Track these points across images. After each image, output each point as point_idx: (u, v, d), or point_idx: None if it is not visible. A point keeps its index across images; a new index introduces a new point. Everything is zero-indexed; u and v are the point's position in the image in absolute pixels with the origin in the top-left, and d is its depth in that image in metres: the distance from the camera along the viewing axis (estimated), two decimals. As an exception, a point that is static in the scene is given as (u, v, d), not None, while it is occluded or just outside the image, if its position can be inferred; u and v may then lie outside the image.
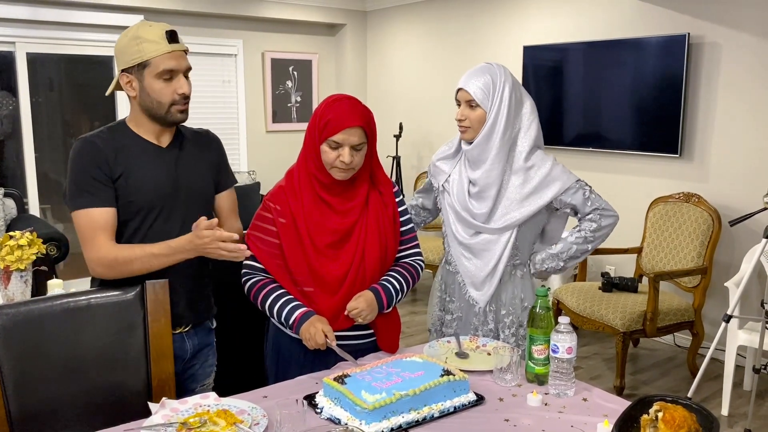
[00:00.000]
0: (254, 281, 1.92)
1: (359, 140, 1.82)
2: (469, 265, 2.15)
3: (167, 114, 1.80)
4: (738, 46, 3.92)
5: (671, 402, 1.45)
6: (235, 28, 6.13)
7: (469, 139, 2.11)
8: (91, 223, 1.75)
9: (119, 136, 1.83)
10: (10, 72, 5.19)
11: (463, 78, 2.11)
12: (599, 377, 3.83)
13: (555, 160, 2.11)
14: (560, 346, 1.69)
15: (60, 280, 2.80)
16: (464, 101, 2.08)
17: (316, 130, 1.83)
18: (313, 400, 1.62)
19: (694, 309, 3.77)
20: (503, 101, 2.04)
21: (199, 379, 2.00)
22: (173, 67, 1.77)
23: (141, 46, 1.75)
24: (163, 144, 1.87)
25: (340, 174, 1.84)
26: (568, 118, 4.83)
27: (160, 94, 1.77)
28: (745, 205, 3.83)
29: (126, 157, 1.80)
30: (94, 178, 1.75)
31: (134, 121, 1.85)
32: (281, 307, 1.86)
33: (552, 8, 4.94)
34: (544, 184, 2.07)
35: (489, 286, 2.13)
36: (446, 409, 1.58)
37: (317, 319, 1.83)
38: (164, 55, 1.75)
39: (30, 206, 5.32)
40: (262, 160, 6.34)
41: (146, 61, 1.75)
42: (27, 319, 1.67)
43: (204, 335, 2.00)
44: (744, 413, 3.34)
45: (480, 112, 2.05)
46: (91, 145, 1.77)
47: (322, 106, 1.85)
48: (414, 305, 5.21)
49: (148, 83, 1.77)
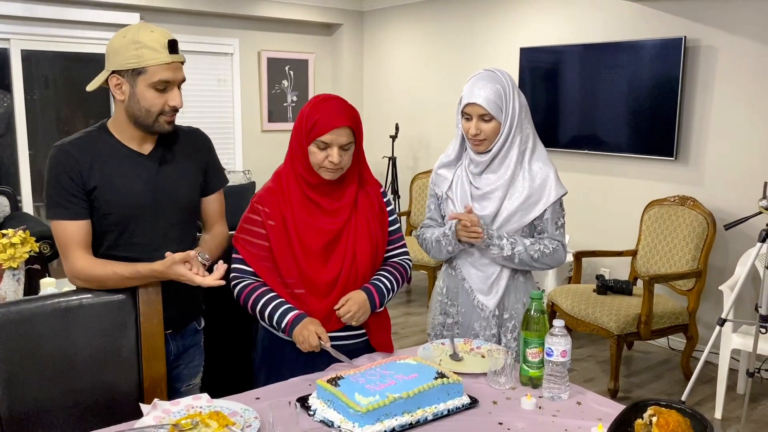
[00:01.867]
0: (244, 285, 1.89)
1: (347, 140, 1.81)
2: (476, 271, 2.14)
3: (154, 123, 1.76)
4: (734, 49, 3.92)
5: (665, 406, 1.45)
6: (232, 27, 6.12)
7: (483, 151, 2.07)
8: (65, 235, 1.74)
9: (97, 142, 1.78)
10: (4, 69, 5.17)
11: (469, 90, 2.03)
12: (593, 380, 3.83)
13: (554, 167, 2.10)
14: (555, 349, 1.68)
15: (53, 279, 2.78)
16: (476, 115, 2.01)
17: (303, 130, 1.81)
18: (306, 402, 1.61)
19: (688, 312, 3.78)
20: (514, 108, 2.02)
21: (184, 379, 1.98)
22: (169, 78, 1.72)
23: (140, 51, 1.69)
24: (144, 151, 1.82)
25: (329, 174, 1.83)
26: (564, 120, 4.83)
27: (151, 104, 1.72)
28: (740, 208, 3.83)
29: (102, 168, 1.75)
30: (66, 191, 1.72)
31: (116, 125, 1.80)
32: (272, 310, 1.84)
33: (549, 10, 4.95)
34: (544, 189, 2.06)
35: (497, 290, 2.12)
36: (440, 411, 1.57)
37: (310, 321, 1.82)
38: (163, 66, 1.70)
39: (23, 204, 5.30)
40: (257, 160, 6.33)
41: (143, 68, 1.69)
42: (18, 319, 1.66)
43: (189, 336, 1.98)
44: (737, 417, 3.34)
45: (494, 124, 2.01)
46: (65, 155, 1.73)
47: (309, 106, 1.83)
48: (408, 306, 5.20)
49: (140, 90, 1.71)
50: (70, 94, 5.78)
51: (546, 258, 2.07)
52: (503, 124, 2.02)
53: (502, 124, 2.02)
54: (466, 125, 2.06)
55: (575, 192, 4.69)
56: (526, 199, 2.06)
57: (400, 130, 5.98)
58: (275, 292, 1.87)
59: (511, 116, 2.02)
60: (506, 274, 2.11)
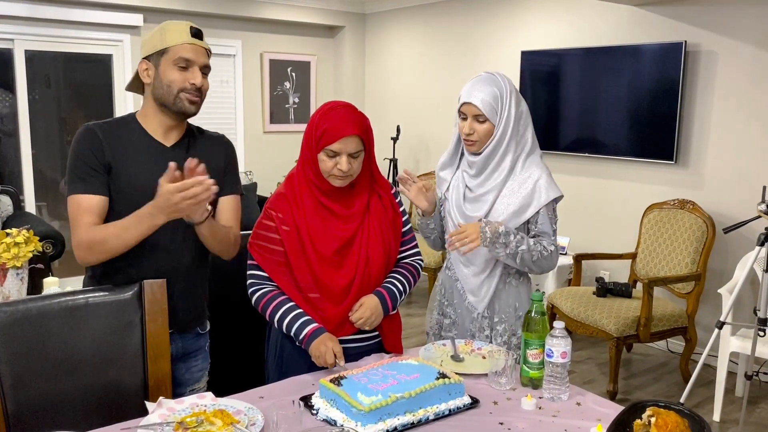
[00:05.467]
0: (262, 293, 1.89)
1: (356, 148, 1.81)
2: (467, 271, 2.16)
3: (175, 100, 1.79)
4: (734, 54, 3.94)
5: (664, 407, 1.47)
6: (234, 29, 6.14)
7: (475, 152, 2.09)
8: (78, 208, 1.75)
9: (124, 129, 1.83)
10: (8, 69, 5.19)
11: (467, 90, 2.06)
12: (592, 382, 3.85)
13: (548, 170, 2.11)
14: (555, 350, 1.70)
15: (56, 278, 2.79)
16: (471, 115, 2.04)
17: (312, 138, 1.83)
18: (309, 401, 1.62)
19: (687, 315, 3.79)
20: (510, 113, 2.03)
21: (186, 384, 1.97)
22: (190, 57, 1.79)
23: (164, 35, 1.78)
24: (168, 142, 1.85)
25: (338, 181, 1.84)
26: (565, 123, 4.85)
27: (172, 79, 1.78)
28: (739, 212, 3.86)
29: (124, 152, 1.79)
30: (88, 164, 1.75)
31: (144, 114, 1.86)
32: (291, 321, 1.84)
33: (550, 14, 4.97)
34: (535, 191, 2.06)
35: (486, 291, 2.14)
36: (441, 411, 1.59)
37: (328, 338, 1.82)
38: (184, 45, 1.78)
39: (26, 203, 5.31)
40: (259, 161, 6.35)
41: (166, 48, 1.78)
42: (25, 318, 1.67)
43: (190, 340, 1.96)
44: (735, 419, 3.36)
45: (488, 126, 2.03)
46: (91, 132, 1.78)
47: (318, 114, 1.83)
48: (409, 307, 5.22)
49: (163, 69, 1.78)
50: (72, 94, 5.80)
51: (542, 261, 2.05)
52: (497, 127, 2.04)
53: (495, 126, 2.04)
54: (461, 124, 2.09)
55: (576, 195, 4.71)
56: (517, 201, 2.06)
57: (401, 132, 6.00)
58: (293, 302, 1.87)
59: (506, 120, 2.03)
60: (497, 276, 2.12)
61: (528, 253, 2.02)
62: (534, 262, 2.04)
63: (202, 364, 2.02)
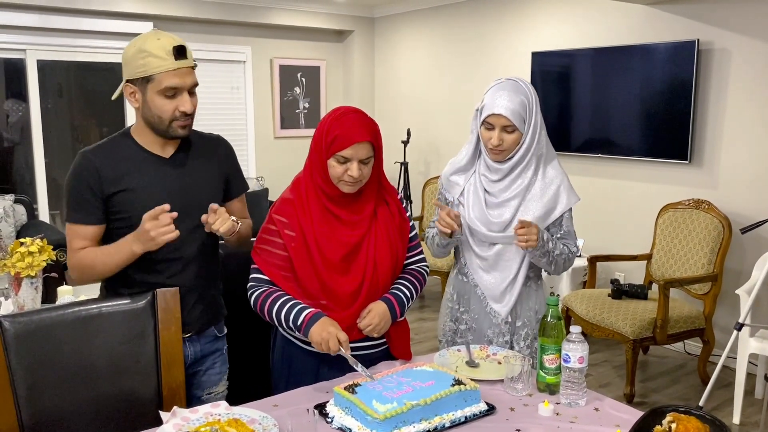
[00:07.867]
0: (260, 292, 1.88)
1: (367, 154, 1.80)
2: (489, 278, 2.13)
3: (168, 129, 1.79)
4: (748, 52, 3.90)
5: (684, 413, 1.45)
6: (244, 35, 6.16)
7: (502, 160, 2.07)
8: (75, 235, 1.81)
9: (121, 147, 1.83)
10: (20, 79, 5.23)
11: (492, 99, 2.01)
12: (609, 385, 3.81)
13: (566, 173, 2.11)
14: (572, 355, 1.68)
15: (70, 287, 2.81)
16: (500, 126, 2.00)
17: (323, 144, 1.81)
18: (323, 409, 1.61)
19: (704, 316, 3.75)
20: (537, 120, 2.02)
21: (204, 387, 1.98)
22: (176, 84, 1.74)
23: (146, 60, 1.72)
24: (166, 154, 1.85)
25: (348, 187, 1.82)
26: (577, 124, 4.82)
27: (162, 110, 1.76)
28: (756, 211, 3.81)
29: (124, 172, 1.79)
30: (84, 198, 1.78)
31: (138, 131, 1.85)
32: (288, 310, 1.82)
33: (560, 14, 4.94)
34: (558, 196, 2.06)
35: (509, 298, 2.11)
36: (457, 418, 1.58)
37: (329, 323, 1.78)
38: (168, 72, 1.73)
39: (40, 212, 5.35)
40: (270, 166, 6.36)
41: (150, 75, 1.73)
42: (39, 328, 1.68)
43: (209, 342, 1.97)
44: (756, 422, 3.31)
45: (516, 135, 2.01)
46: (87, 162, 1.79)
47: (329, 120, 1.81)
48: (422, 312, 5.20)
49: (150, 98, 1.75)
50: (84, 102, 5.84)
51: (568, 263, 2.10)
52: (525, 135, 2.02)
53: (524, 135, 2.02)
54: (486, 134, 2.04)
55: (589, 196, 4.68)
56: (541, 206, 2.05)
57: (411, 135, 5.99)
58: (290, 295, 1.86)
59: (533, 128, 2.02)
60: (520, 281, 2.10)
61: (560, 256, 2.06)
62: (563, 264, 2.08)
63: (221, 367, 2.02)
